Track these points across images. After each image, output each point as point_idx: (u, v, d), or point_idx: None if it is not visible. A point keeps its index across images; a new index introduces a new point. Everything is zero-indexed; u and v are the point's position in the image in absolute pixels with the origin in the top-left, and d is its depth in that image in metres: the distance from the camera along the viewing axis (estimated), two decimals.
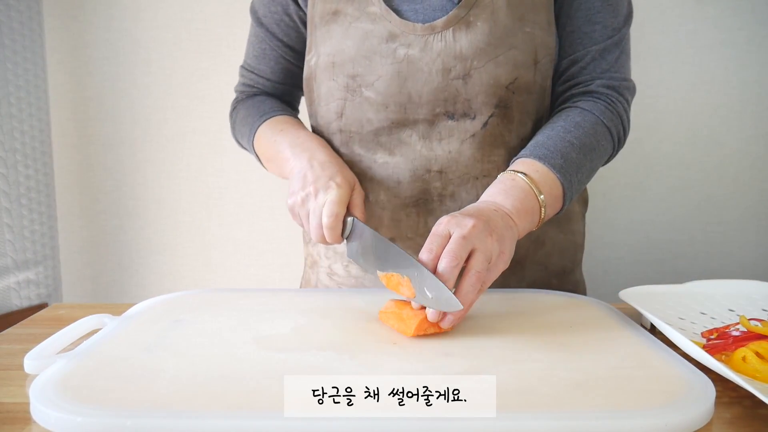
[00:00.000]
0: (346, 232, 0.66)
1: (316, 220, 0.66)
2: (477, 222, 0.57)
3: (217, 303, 0.65)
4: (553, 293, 0.71)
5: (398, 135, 0.73)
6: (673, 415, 0.40)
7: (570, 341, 0.55)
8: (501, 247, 0.58)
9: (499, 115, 0.71)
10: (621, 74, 0.75)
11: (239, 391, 0.43)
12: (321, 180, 0.67)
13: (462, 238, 0.55)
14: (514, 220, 0.61)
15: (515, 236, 0.61)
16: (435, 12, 0.71)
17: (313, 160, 0.70)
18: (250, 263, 1.35)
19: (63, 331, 0.54)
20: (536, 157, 0.67)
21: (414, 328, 0.54)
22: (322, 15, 0.74)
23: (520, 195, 0.63)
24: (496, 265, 0.58)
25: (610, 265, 1.31)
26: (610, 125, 0.72)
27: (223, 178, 1.32)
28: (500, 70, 0.69)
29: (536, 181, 0.65)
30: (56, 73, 1.28)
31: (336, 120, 0.75)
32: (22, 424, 0.42)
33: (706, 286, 0.71)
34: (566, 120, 0.71)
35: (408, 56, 0.70)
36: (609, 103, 0.73)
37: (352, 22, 0.72)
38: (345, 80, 0.73)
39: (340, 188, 0.66)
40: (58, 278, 1.27)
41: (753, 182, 1.29)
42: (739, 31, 1.23)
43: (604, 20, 0.73)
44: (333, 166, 0.69)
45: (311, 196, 0.67)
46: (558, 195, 0.67)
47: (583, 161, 0.69)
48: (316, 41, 0.76)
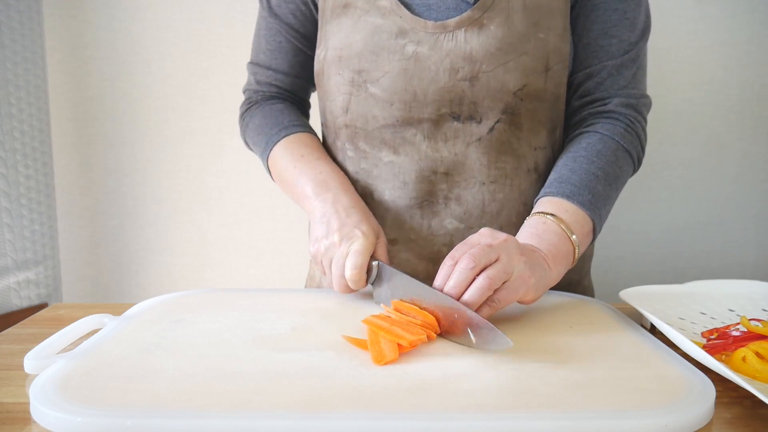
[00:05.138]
0: (372, 278, 0.63)
1: (338, 271, 0.63)
2: (510, 237, 0.57)
3: (217, 303, 0.65)
4: (553, 293, 0.71)
5: (403, 133, 0.72)
6: (673, 415, 0.40)
7: (570, 341, 0.54)
8: (529, 271, 0.56)
9: (506, 121, 0.70)
10: (638, 90, 0.74)
11: (239, 391, 0.43)
12: (346, 228, 0.65)
13: (488, 246, 0.54)
14: (548, 263, 0.60)
15: (548, 277, 0.60)
16: (449, 11, 0.69)
17: (337, 204, 0.68)
18: (250, 263, 1.35)
19: (63, 331, 0.54)
20: (564, 195, 0.66)
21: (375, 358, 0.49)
22: (333, 8, 0.73)
23: (554, 239, 0.62)
24: (513, 284, 0.55)
25: (610, 265, 1.31)
26: (630, 148, 0.72)
27: (223, 178, 1.32)
28: (509, 75, 0.68)
29: (567, 222, 0.64)
30: (56, 73, 1.28)
31: (342, 115, 0.74)
32: (22, 424, 0.42)
33: (706, 286, 0.71)
34: (588, 149, 0.70)
35: (416, 53, 0.69)
36: (628, 124, 0.72)
37: (362, 16, 0.71)
38: (351, 75, 0.72)
39: (365, 238, 0.63)
40: (58, 278, 1.26)
41: (753, 182, 1.29)
42: (739, 31, 1.23)
43: (621, 34, 0.72)
44: (358, 213, 0.67)
45: (335, 245, 0.64)
46: (588, 231, 0.66)
47: (609, 192, 0.68)
48: (326, 35, 0.74)
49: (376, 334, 0.52)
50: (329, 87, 0.75)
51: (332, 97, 0.75)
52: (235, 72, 1.29)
